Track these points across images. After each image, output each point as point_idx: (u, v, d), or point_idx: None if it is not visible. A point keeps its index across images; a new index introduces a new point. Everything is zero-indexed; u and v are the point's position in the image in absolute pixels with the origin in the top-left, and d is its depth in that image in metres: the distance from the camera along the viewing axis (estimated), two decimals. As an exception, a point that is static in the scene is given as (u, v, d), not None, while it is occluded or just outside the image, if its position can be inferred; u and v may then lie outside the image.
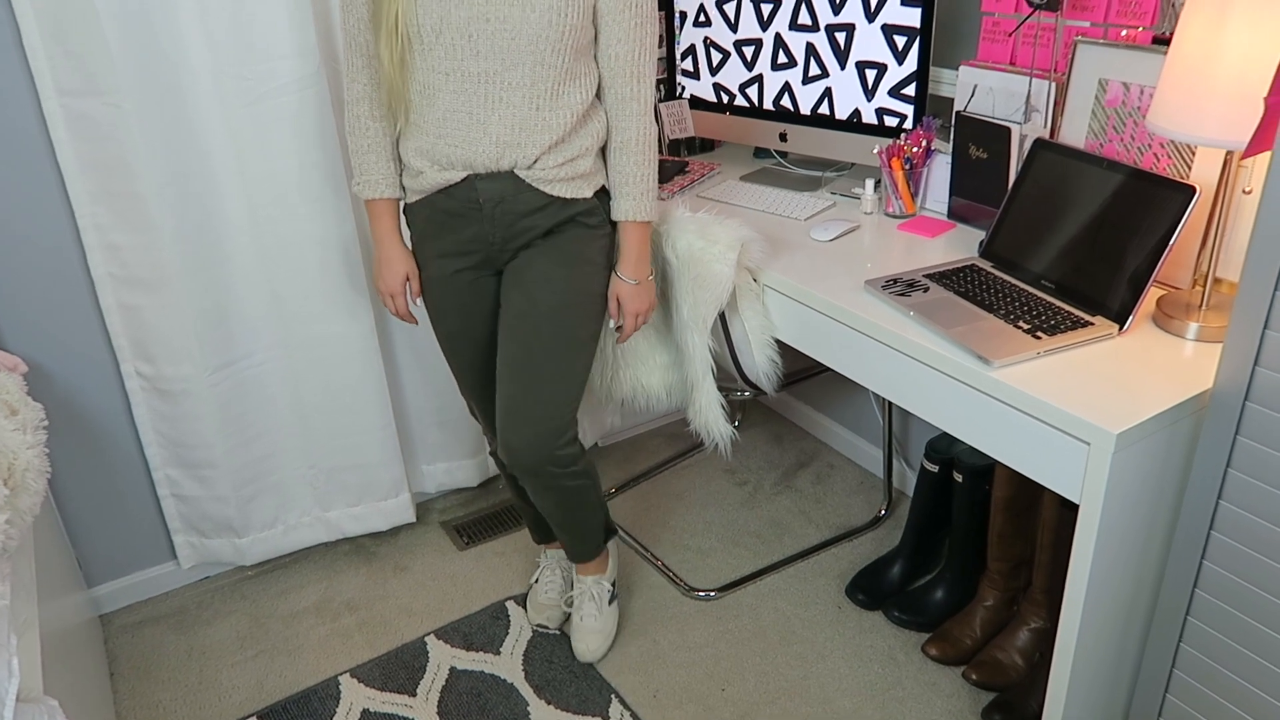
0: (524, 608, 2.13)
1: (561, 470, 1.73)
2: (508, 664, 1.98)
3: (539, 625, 2.06)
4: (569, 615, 2.06)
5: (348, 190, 1.99)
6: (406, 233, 1.73)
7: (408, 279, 1.72)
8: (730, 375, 1.91)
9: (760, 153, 2.35)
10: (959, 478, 1.94)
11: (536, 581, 2.11)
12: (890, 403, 2.30)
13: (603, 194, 1.67)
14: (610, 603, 2.01)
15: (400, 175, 1.67)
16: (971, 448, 1.91)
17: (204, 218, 1.90)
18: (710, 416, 1.89)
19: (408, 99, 1.56)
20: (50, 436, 1.69)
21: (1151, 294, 1.46)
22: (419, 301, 1.76)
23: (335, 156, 1.95)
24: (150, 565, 2.20)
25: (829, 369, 1.72)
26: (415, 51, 1.51)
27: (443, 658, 2.01)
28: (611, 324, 1.75)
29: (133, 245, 1.87)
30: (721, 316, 1.80)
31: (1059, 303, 1.51)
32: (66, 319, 1.92)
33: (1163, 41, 1.57)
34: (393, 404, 2.22)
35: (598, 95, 1.61)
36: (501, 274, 1.71)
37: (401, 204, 1.71)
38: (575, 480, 1.77)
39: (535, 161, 1.57)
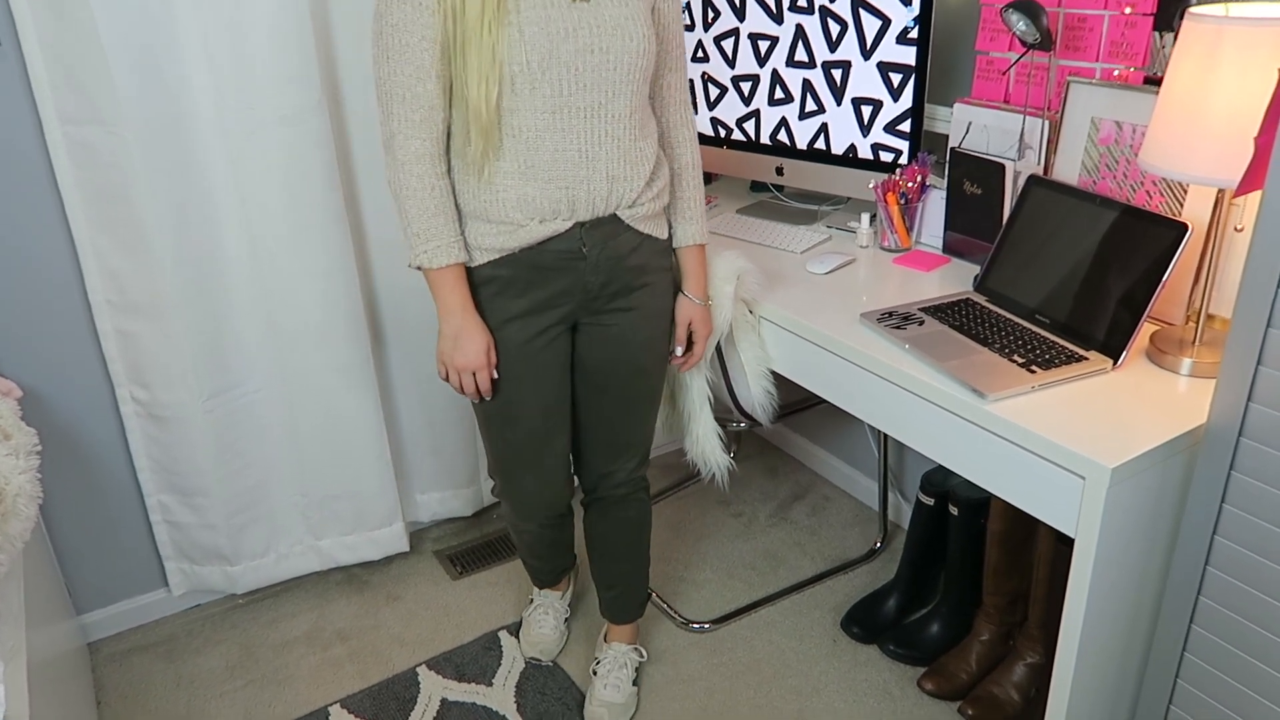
0: (517, 638, 2.11)
1: (643, 490, 1.85)
2: (500, 695, 1.97)
3: (532, 658, 2.05)
4: (563, 646, 2.04)
5: (347, 220, 2.00)
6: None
7: (489, 350, 1.55)
8: (726, 406, 1.92)
9: (757, 186, 2.37)
10: (954, 511, 1.94)
11: (531, 614, 2.09)
12: (886, 435, 2.30)
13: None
14: (635, 681, 1.97)
15: (467, 232, 1.52)
16: (967, 481, 1.91)
17: (203, 245, 1.91)
18: (707, 447, 1.89)
19: (502, 148, 1.44)
20: (43, 462, 1.68)
21: (1145, 329, 1.48)
22: (496, 374, 1.58)
23: (335, 187, 1.96)
24: (140, 593, 2.18)
25: (825, 401, 1.72)
26: (517, 92, 1.40)
27: (434, 688, 1.99)
28: (678, 350, 1.72)
29: (131, 271, 1.88)
30: (718, 348, 1.81)
31: (1053, 337, 1.52)
32: (63, 344, 1.92)
33: (1154, 82, 1.60)
34: (387, 432, 2.22)
35: None
36: (575, 328, 1.64)
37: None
38: (647, 497, 1.87)
39: (638, 197, 1.54)
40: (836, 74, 1.99)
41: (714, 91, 2.21)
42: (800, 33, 2.01)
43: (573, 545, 2.05)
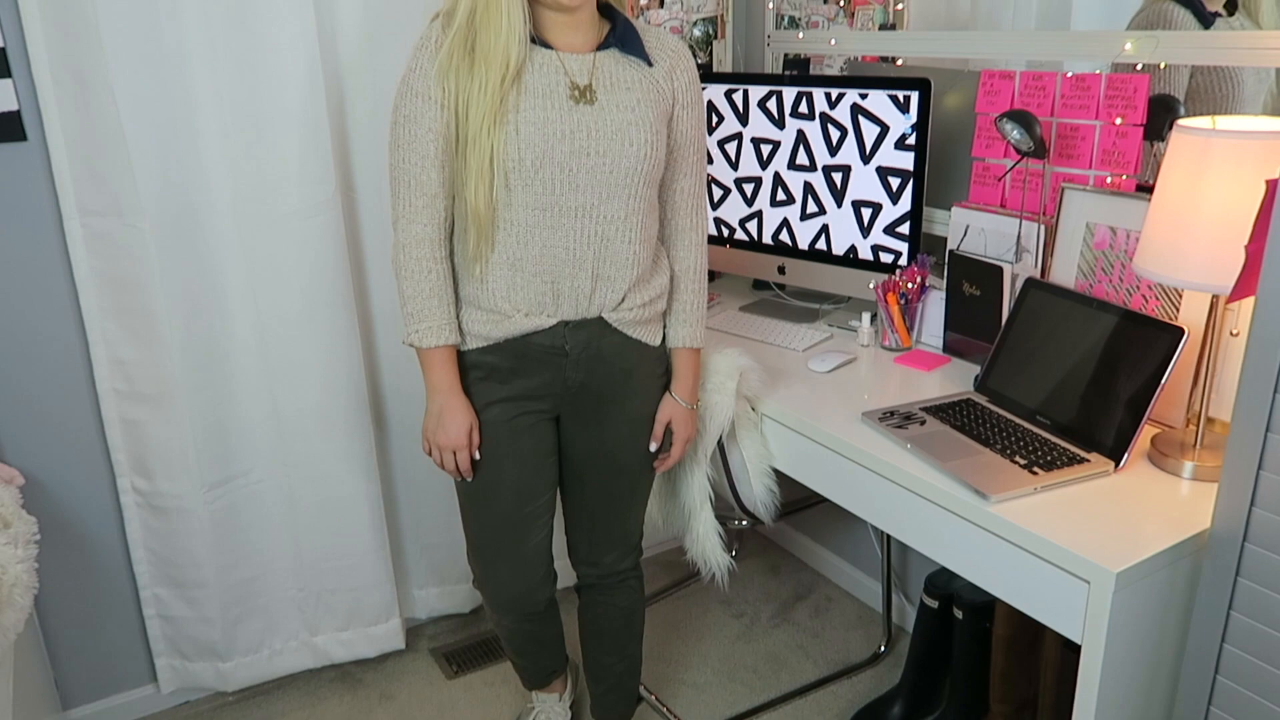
0: (512, 742, 2.05)
1: (635, 579, 1.85)
2: (493, 802, 1.90)
3: (527, 762, 1.99)
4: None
5: (355, 312, 2.03)
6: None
7: (471, 431, 1.59)
8: (728, 504, 1.91)
9: (759, 284, 2.41)
10: (959, 614, 1.91)
11: (530, 718, 2.04)
12: (889, 536, 2.28)
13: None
14: None
15: (461, 317, 1.57)
16: (971, 584, 1.88)
17: (212, 334, 1.93)
18: (707, 545, 1.87)
19: (494, 241, 1.50)
20: (40, 551, 1.67)
21: (1146, 431, 1.48)
22: (478, 455, 1.61)
23: (345, 279, 2.00)
24: (129, 688, 2.13)
25: (827, 500, 1.72)
26: (511, 187, 1.45)
27: (425, 794, 1.93)
28: (652, 447, 1.71)
29: (140, 360, 1.90)
30: (720, 445, 1.81)
31: (1055, 439, 1.52)
32: (67, 432, 1.93)
33: (1146, 189, 1.64)
34: (387, 524, 2.20)
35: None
36: (559, 418, 1.67)
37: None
38: (639, 586, 1.86)
39: (623, 300, 1.56)
40: (837, 177, 2.04)
41: (718, 192, 2.27)
42: (801, 138, 2.08)
43: (561, 646, 1.99)
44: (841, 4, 2.50)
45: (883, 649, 2.33)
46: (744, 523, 1.99)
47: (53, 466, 1.93)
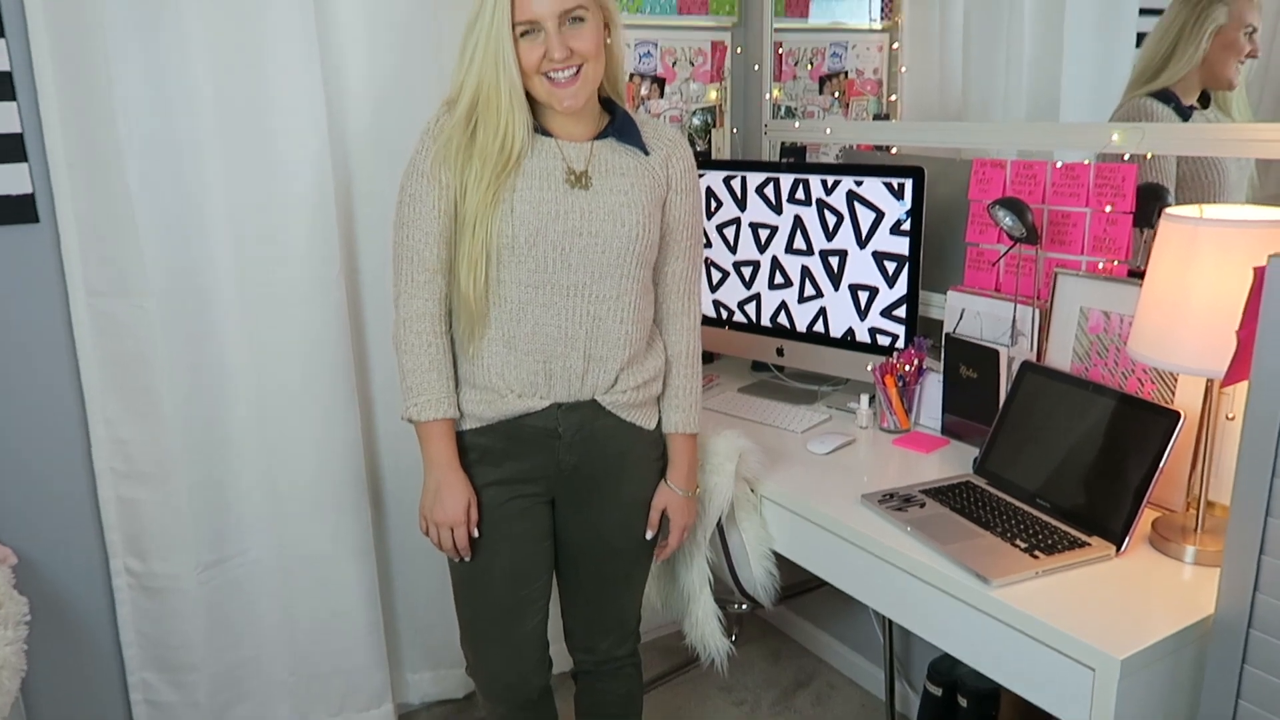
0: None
1: (632, 665, 1.81)
2: None
3: None
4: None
5: (355, 392, 2.04)
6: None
7: (469, 507, 1.57)
8: (728, 587, 1.89)
9: (758, 366, 2.43)
10: (963, 702, 1.87)
11: None
12: (891, 621, 2.25)
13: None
14: None
15: (458, 397, 1.58)
16: (975, 670, 1.85)
17: (213, 413, 1.94)
18: (707, 630, 1.85)
19: (488, 319, 1.52)
20: (30, 632, 1.65)
21: (1146, 515, 1.47)
22: (476, 533, 1.59)
23: (347, 358, 2.01)
24: (112, 777, 2.08)
25: (828, 583, 1.70)
26: (503, 265, 1.48)
27: None
28: (649, 535, 1.69)
29: (140, 439, 1.90)
30: (719, 527, 1.80)
31: (1055, 522, 1.51)
32: (62, 511, 1.92)
33: (1137, 274, 1.66)
34: (381, 605, 2.17)
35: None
36: (553, 501, 1.65)
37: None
38: (637, 674, 1.82)
39: (615, 382, 1.56)
40: (834, 261, 2.08)
41: (716, 275, 2.30)
42: (799, 223, 2.12)
43: None
44: (836, 95, 2.58)
45: (886, 739, 2.28)
46: (744, 606, 1.96)
47: (46, 546, 1.91)
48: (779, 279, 2.18)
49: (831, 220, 2.06)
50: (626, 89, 1.65)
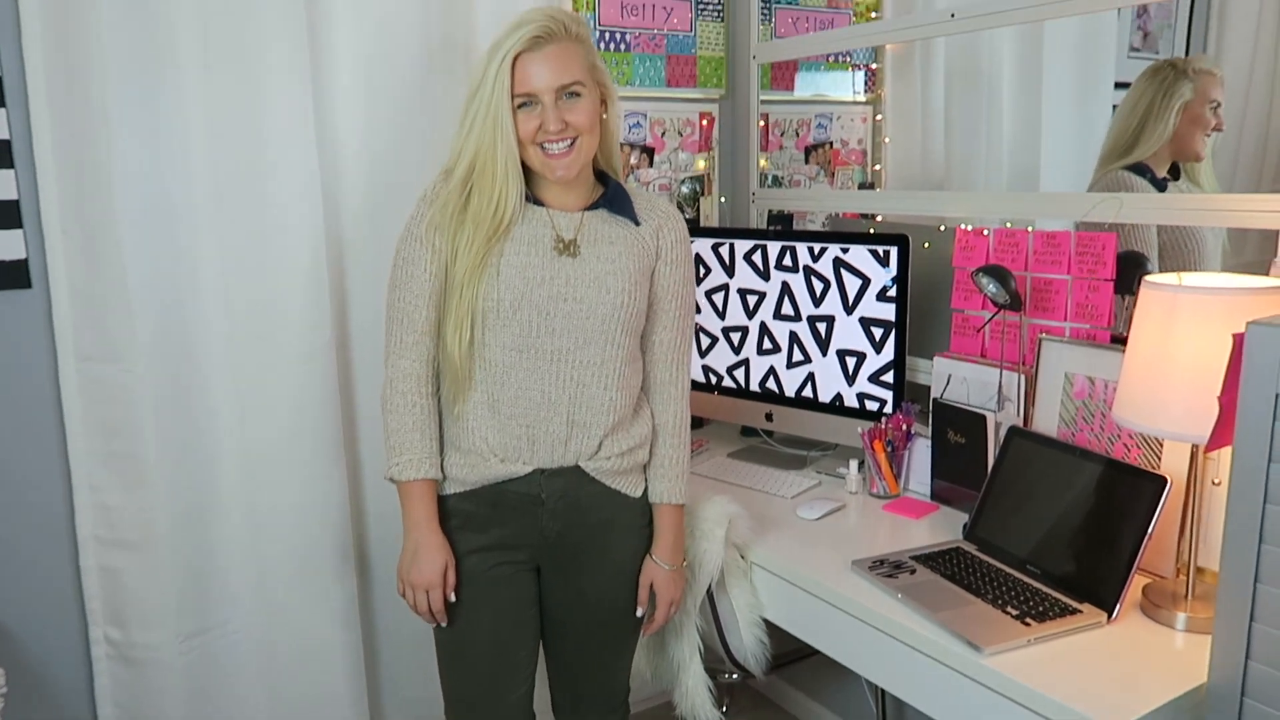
0: None
1: None
2: None
3: None
4: None
5: (344, 458, 2.03)
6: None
7: (446, 571, 1.56)
8: (718, 656, 1.86)
9: (747, 431, 2.43)
10: (959, 774, 1.84)
11: None
12: (883, 690, 2.21)
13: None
14: None
15: (442, 461, 1.59)
16: (969, 741, 1.82)
17: (199, 479, 1.92)
18: (697, 700, 1.82)
19: (473, 381, 1.54)
20: (5, 704, 1.61)
21: (1137, 581, 1.47)
22: (453, 597, 1.58)
23: (335, 424, 2.01)
24: None
25: (819, 652, 1.68)
26: (488, 328, 1.51)
27: None
28: (639, 612, 1.67)
29: (125, 506, 1.88)
30: (709, 594, 1.78)
31: (1045, 588, 1.51)
32: (42, 580, 1.88)
33: (1120, 340, 1.69)
34: (365, 677, 2.13)
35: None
36: (539, 569, 1.65)
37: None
38: None
39: (599, 448, 1.56)
40: (821, 327, 2.10)
41: (705, 341, 2.32)
42: (786, 289, 2.14)
43: None
44: (822, 164, 2.64)
45: (881, 813, 2.23)
46: (735, 676, 1.94)
47: (24, 614, 1.88)
48: (767, 344, 2.20)
49: (819, 286, 2.09)
50: (621, 161, 1.68)
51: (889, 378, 2.01)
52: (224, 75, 1.83)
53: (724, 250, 2.25)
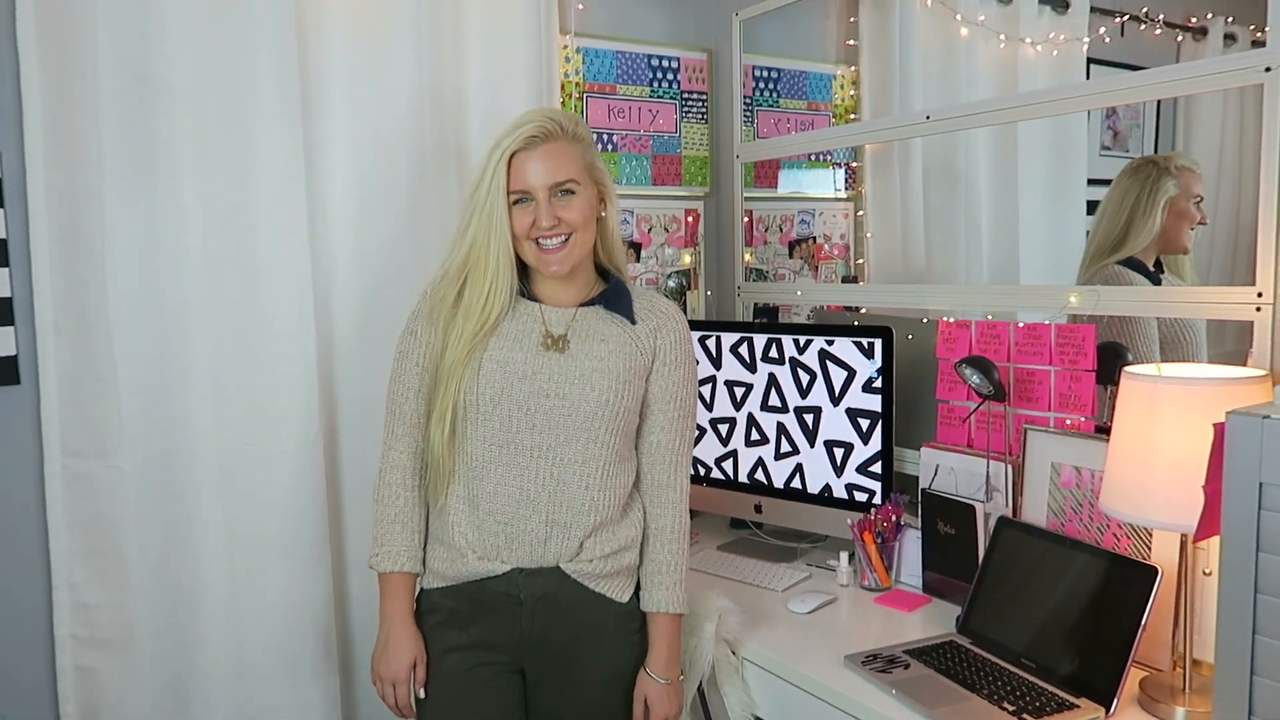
0: None
1: None
2: None
3: None
4: None
5: (329, 554, 2.01)
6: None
7: (414, 666, 1.55)
8: (710, 756, 1.81)
9: (737, 523, 2.41)
10: None
11: None
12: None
13: (636, 593, 1.62)
14: None
15: (424, 554, 1.59)
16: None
17: (182, 577, 1.89)
18: (689, 804, 1.76)
19: (455, 474, 1.54)
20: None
21: (1134, 674, 1.45)
22: (421, 693, 1.56)
23: (322, 521, 1.99)
24: None
25: (813, 751, 1.64)
26: (469, 422, 1.51)
27: None
28: None
29: (104, 605, 1.84)
30: (700, 693, 1.74)
31: (1041, 683, 1.48)
32: (15, 681, 1.83)
33: (1104, 430, 1.70)
34: (348, 783, 2.07)
35: (636, 484, 1.62)
36: (523, 671, 1.60)
37: (417, 587, 1.61)
38: None
39: (580, 549, 1.53)
40: (808, 418, 2.11)
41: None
42: (773, 380, 2.16)
43: None
44: (806, 258, 2.69)
45: None
46: (727, 778, 1.88)
47: (-4, 719, 1.82)
48: (755, 435, 2.21)
49: (805, 378, 2.11)
50: (626, 258, 1.70)
51: (877, 468, 2.01)
52: (219, 177, 1.87)
53: (710, 343, 2.27)
